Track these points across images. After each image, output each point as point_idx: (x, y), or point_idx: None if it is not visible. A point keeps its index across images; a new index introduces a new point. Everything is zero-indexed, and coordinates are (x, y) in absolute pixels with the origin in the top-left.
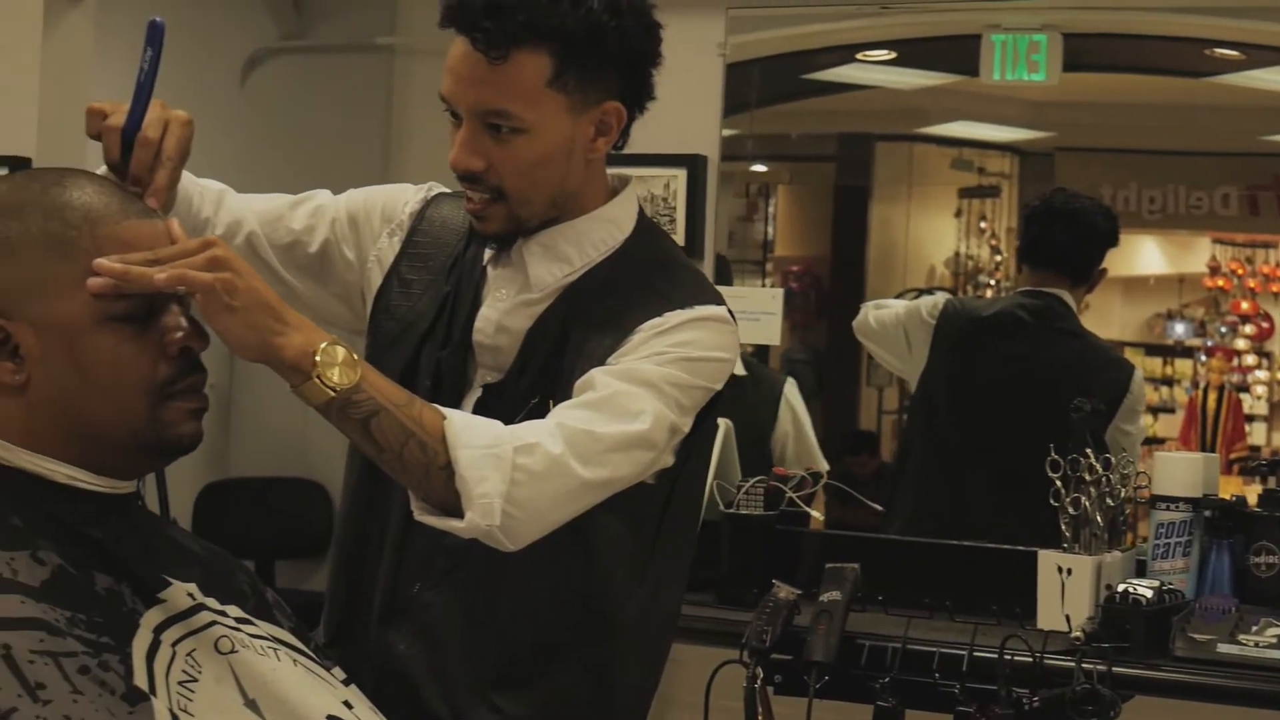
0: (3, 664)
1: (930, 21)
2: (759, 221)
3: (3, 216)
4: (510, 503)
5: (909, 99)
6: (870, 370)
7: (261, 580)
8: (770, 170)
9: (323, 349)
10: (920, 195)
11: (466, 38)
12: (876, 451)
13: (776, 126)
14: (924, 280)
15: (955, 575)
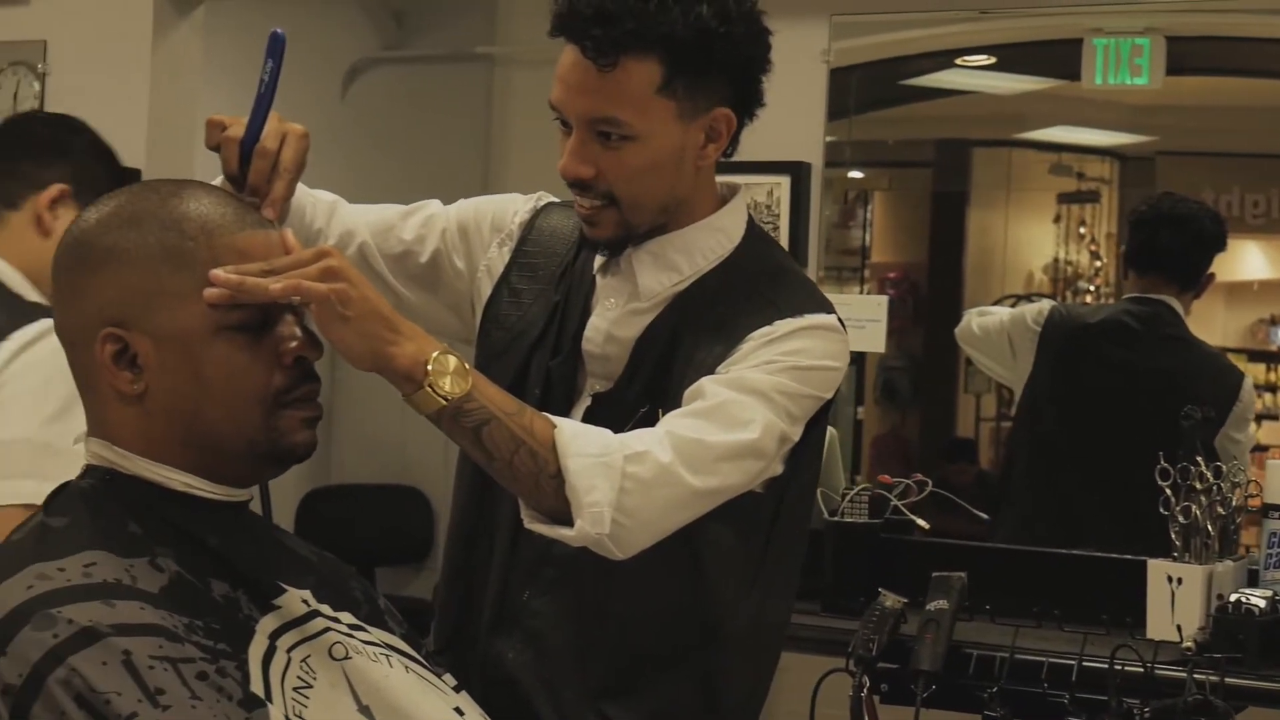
0: (123, 669)
1: (1030, 26)
2: (856, 228)
3: (122, 227)
4: (620, 511)
5: (1008, 104)
6: (968, 377)
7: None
8: (867, 176)
9: (434, 358)
10: (1018, 201)
11: (576, 46)
12: (975, 459)
13: (874, 133)
14: (1022, 286)
15: (1063, 584)
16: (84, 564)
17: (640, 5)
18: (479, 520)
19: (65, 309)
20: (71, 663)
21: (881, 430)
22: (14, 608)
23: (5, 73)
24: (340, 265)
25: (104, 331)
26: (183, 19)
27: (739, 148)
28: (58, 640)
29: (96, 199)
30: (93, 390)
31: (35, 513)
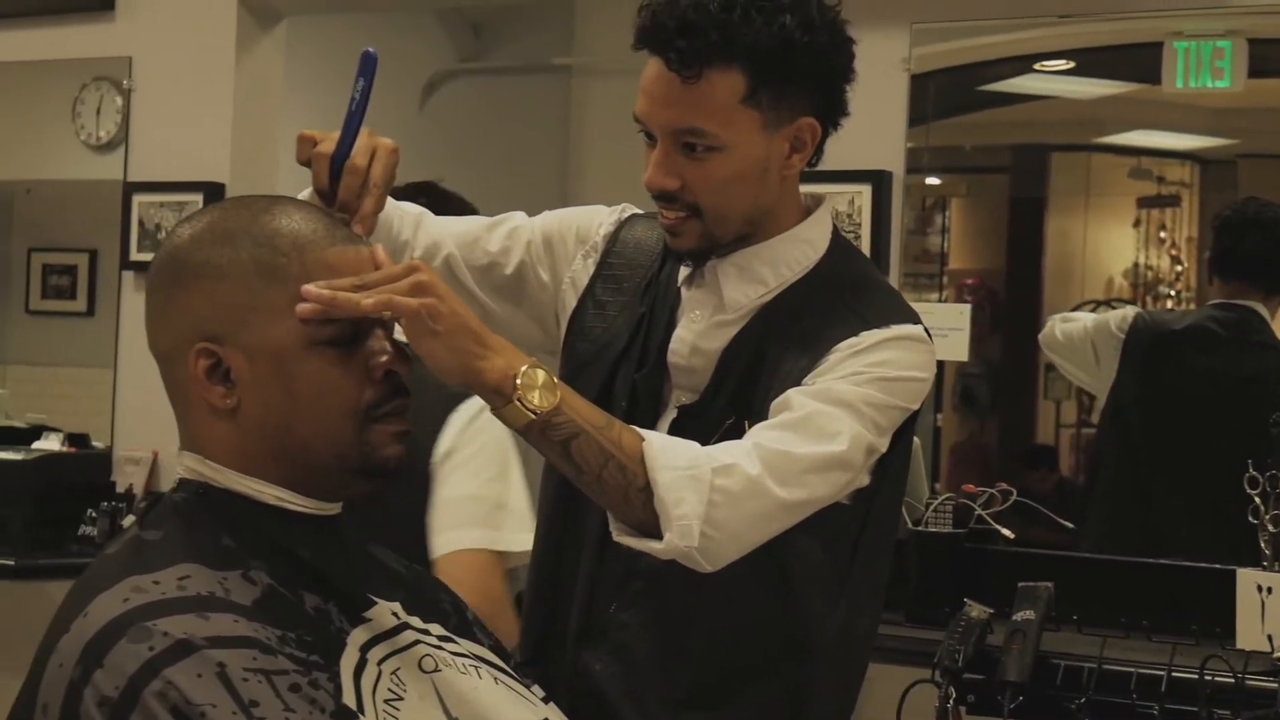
0: (218, 682)
1: (1110, 30)
2: (933, 234)
3: (215, 243)
4: (708, 524)
5: (1086, 108)
6: (1048, 383)
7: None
8: (945, 183)
9: (523, 372)
10: (1097, 206)
11: (660, 58)
12: (1055, 466)
13: (951, 139)
14: (1102, 292)
15: (1151, 594)
16: (178, 577)
17: (724, 16)
18: (565, 532)
19: (159, 324)
20: (167, 675)
21: (960, 438)
22: (110, 620)
23: (89, 88)
24: (430, 280)
25: (197, 347)
26: (265, 34)
27: (823, 157)
28: (153, 653)
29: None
30: (186, 405)
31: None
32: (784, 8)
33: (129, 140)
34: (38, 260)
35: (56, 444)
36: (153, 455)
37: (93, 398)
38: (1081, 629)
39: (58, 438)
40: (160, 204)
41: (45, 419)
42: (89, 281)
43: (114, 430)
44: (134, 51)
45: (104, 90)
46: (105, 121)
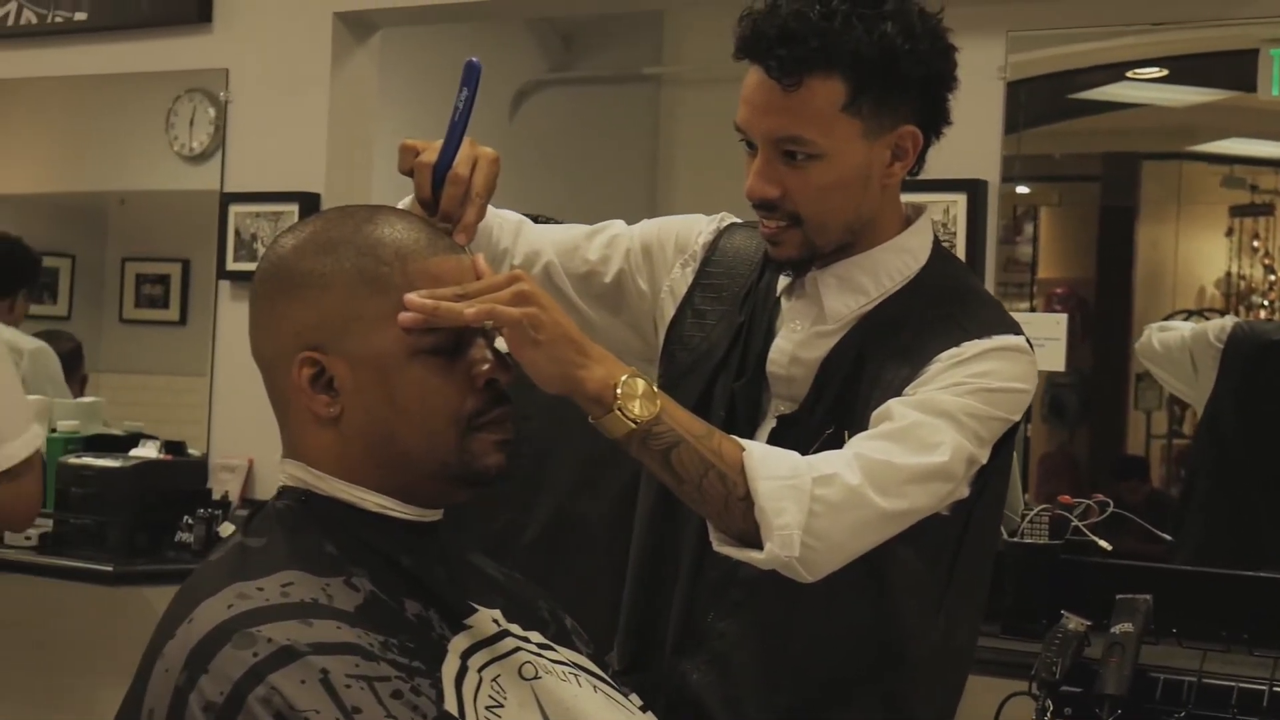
0: (321, 688)
1: (1204, 37)
2: (1023, 243)
3: (319, 253)
4: (809, 534)
5: (1178, 116)
6: (1138, 394)
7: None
8: (1034, 191)
9: (623, 381)
10: (1189, 214)
11: (760, 66)
12: (1146, 477)
13: (1041, 147)
14: (1194, 302)
15: (1252, 607)
16: (282, 583)
17: (824, 24)
18: (663, 541)
19: (262, 333)
20: (271, 681)
21: (1049, 448)
22: (215, 626)
23: (182, 99)
24: (532, 289)
25: (301, 355)
26: (360, 46)
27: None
28: (258, 659)
29: None
30: (289, 413)
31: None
32: (885, 15)
33: (225, 151)
34: (131, 270)
35: (154, 451)
36: (248, 462)
37: (185, 405)
38: (1181, 642)
39: (155, 445)
40: (256, 214)
41: (142, 426)
42: (181, 291)
43: (210, 438)
44: (231, 63)
45: (197, 101)
46: (198, 132)
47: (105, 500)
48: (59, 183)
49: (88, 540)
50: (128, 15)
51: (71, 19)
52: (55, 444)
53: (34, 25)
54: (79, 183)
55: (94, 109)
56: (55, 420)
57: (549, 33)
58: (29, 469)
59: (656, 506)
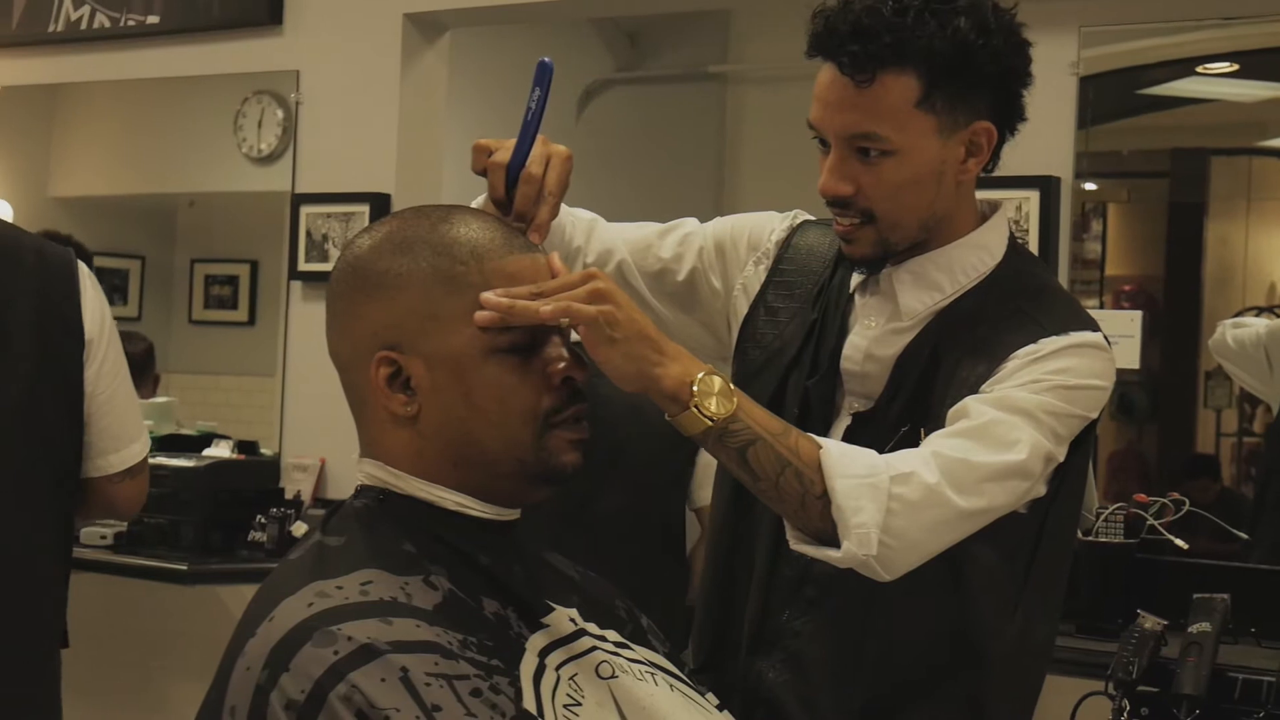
0: (401, 686)
1: (1275, 32)
2: (1091, 240)
3: (395, 253)
4: (886, 532)
5: (1249, 111)
6: (1208, 392)
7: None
8: (1102, 188)
9: (700, 379)
10: (1259, 210)
11: (834, 63)
12: (1217, 476)
13: (1109, 143)
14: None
15: None
16: (361, 582)
17: (897, 20)
18: (738, 539)
19: (339, 333)
20: (352, 679)
21: (1118, 446)
22: (296, 625)
23: (250, 101)
24: (607, 287)
25: (378, 355)
26: (429, 47)
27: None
28: (338, 657)
29: None
30: (366, 412)
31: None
32: (959, 10)
33: (296, 152)
34: (200, 271)
35: (226, 451)
36: (320, 462)
37: (255, 406)
38: (1260, 642)
39: (228, 445)
40: (327, 215)
41: (214, 427)
42: (250, 291)
43: (282, 437)
44: (302, 65)
45: (265, 103)
46: (266, 134)
47: (179, 500)
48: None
49: (162, 540)
50: (199, 18)
51: (144, 22)
52: None
53: (107, 29)
54: (149, 185)
55: (164, 112)
56: None
57: (615, 32)
58: (144, 467)
59: (730, 504)
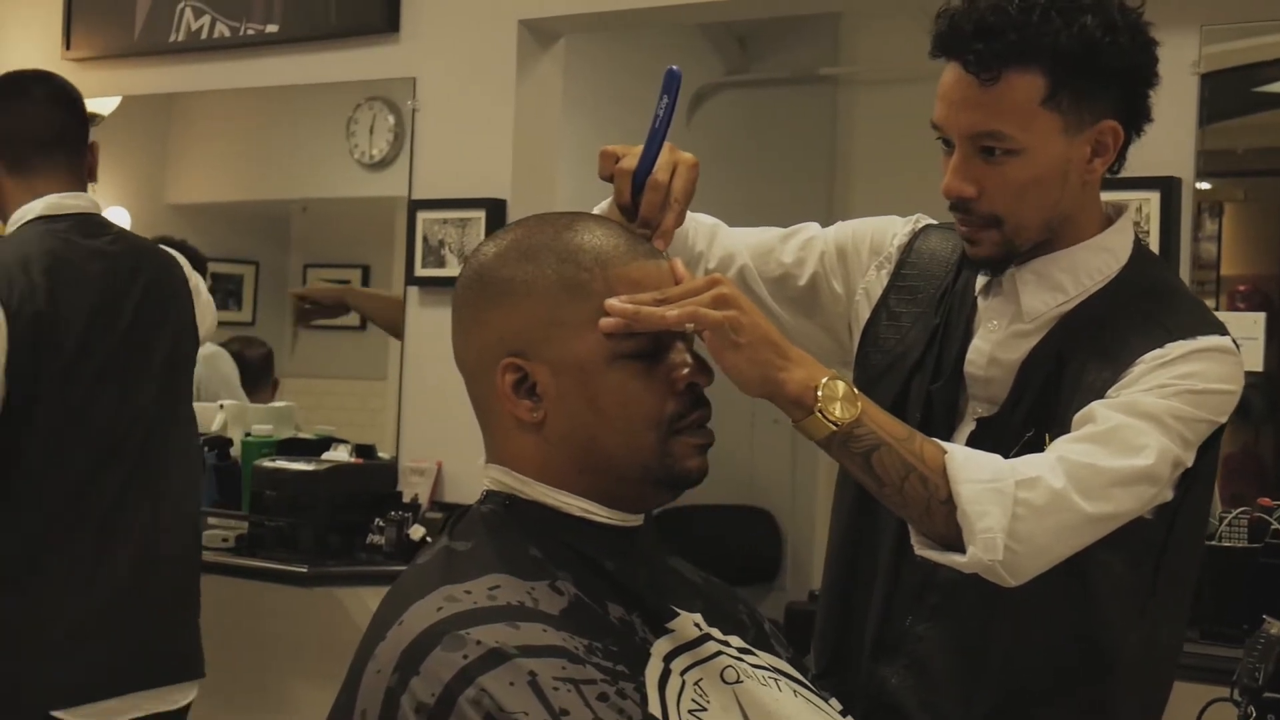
0: (530, 690)
1: None
2: (1206, 240)
3: (519, 260)
4: (1012, 537)
5: None
6: None
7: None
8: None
9: (824, 384)
10: None
11: (958, 62)
12: None
13: (1224, 142)
14: None
15: None
16: (489, 587)
17: (1023, 18)
18: (860, 544)
19: (465, 340)
20: (481, 683)
21: (1232, 449)
22: (425, 628)
23: (362, 108)
24: (732, 292)
25: (504, 361)
26: (544, 53)
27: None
28: (467, 660)
29: None
30: (492, 418)
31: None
32: (1085, 8)
33: (413, 159)
34: (313, 275)
35: (345, 455)
36: (437, 466)
37: (368, 409)
38: None
39: (346, 449)
40: (443, 220)
41: (332, 430)
42: None
43: (399, 441)
44: (418, 72)
45: (377, 109)
46: (378, 140)
47: (299, 503)
48: (244, 191)
49: (281, 542)
50: (317, 27)
51: (263, 31)
52: (250, 448)
53: (226, 38)
54: (263, 191)
55: (277, 119)
56: (249, 425)
57: (725, 36)
58: None
59: (852, 509)
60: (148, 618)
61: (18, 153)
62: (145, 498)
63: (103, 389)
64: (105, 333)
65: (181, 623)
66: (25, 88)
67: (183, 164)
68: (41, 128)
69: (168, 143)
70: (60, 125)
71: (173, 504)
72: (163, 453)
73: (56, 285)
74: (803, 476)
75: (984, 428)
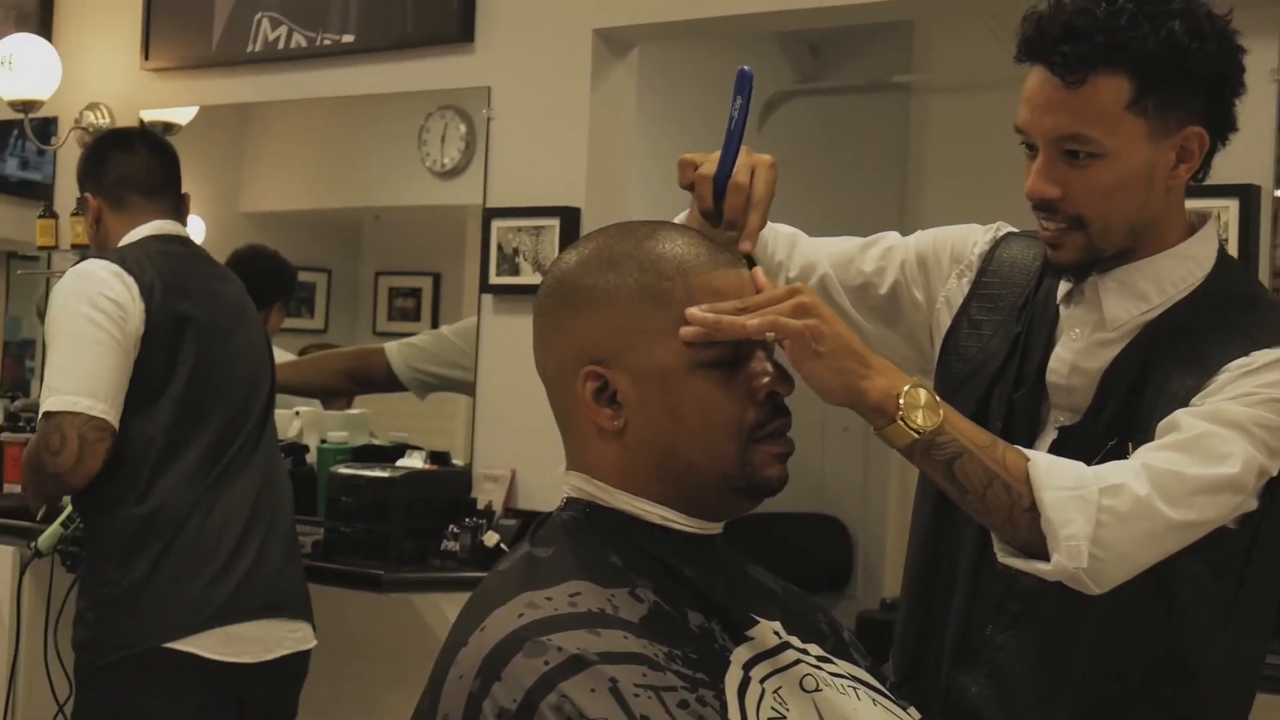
0: (611, 697)
1: None
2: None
3: (601, 268)
4: (1096, 545)
5: None
6: None
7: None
8: None
9: (906, 392)
10: None
11: (1044, 65)
12: None
13: None
14: None
15: None
16: (569, 594)
17: (1110, 21)
18: (940, 551)
19: (546, 348)
20: (563, 689)
21: None
22: (507, 635)
23: (434, 116)
24: (812, 301)
25: (585, 369)
26: (619, 62)
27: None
28: (549, 667)
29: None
30: (573, 426)
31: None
32: (1172, 14)
33: (488, 167)
34: (384, 283)
35: (419, 462)
36: (511, 473)
37: (440, 416)
38: None
39: (420, 456)
40: (518, 229)
41: (406, 437)
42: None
43: (473, 448)
44: (493, 81)
45: (448, 119)
46: (449, 149)
47: (374, 509)
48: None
49: (356, 548)
50: (393, 37)
51: (339, 41)
52: (326, 454)
53: (303, 48)
54: (336, 199)
55: (350, 128)
56: (325, 431)
57: (796, 44)
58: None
59: (932, 517)
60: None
61: (120, 195)
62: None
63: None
64: (212, 335)
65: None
66: (130, 143)
67: (257, 173)
68: (143, 176)
69: (242, 152)
70: (162, 175)
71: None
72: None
73: (176, 277)
74: (874, 484)
75: (1066, 436)
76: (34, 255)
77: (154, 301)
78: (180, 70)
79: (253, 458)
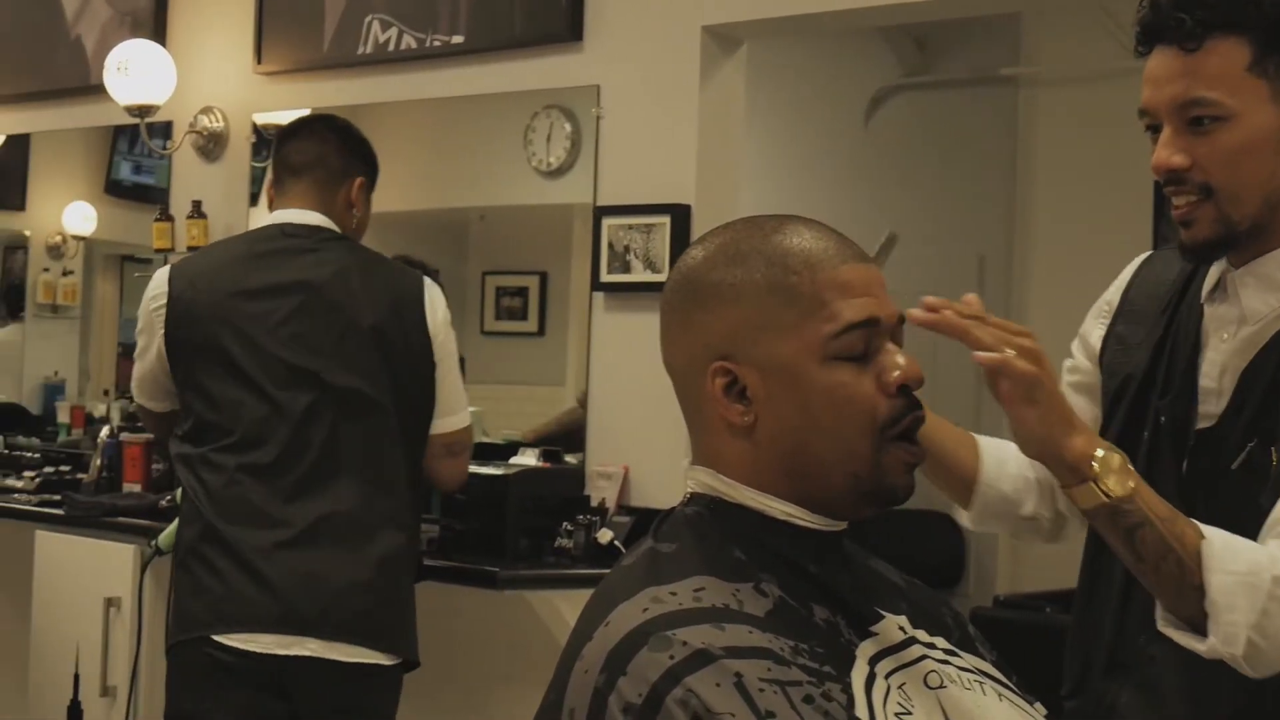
0: (736, 691)
1: None
2: None
3: (728, 264)
4: (1257, 631)
5: None
6: None
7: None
8: None
9: (1100, 456)
10: None
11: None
12: None
13: None
14: None
15: None
16: (694, 588)
17: None
18: (1099, 562)
19: (674, 343)
20: (688, 683)
21: None
22: (632, 629)
23: (539, 116)
24: (1039, 349)
25: (714, 365)
26: (727, 59)
27: None
28: (674, 661)
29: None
30: (702, 421)
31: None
32: None
33: (598, 165)
34: (491, 283)
35: (533, 459)
36: (623, 470)
37: (549, 414)
38: None
39: (534, 453)
40: (628, 226)
41: (517, 435)
42: (539, 302)
43: (586, 446)
44: (602, 80)
45: (554, 118)
46: (555, 148)
47: (488, 507)
48: (424, 200)
49: (470, 545)
50: (502, 37)
51: (449, 42)
52: None
53: (413, 50)
54: (443, 199)
55: (457, 128)
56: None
57: (902, 38)
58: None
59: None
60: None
61: (278, 175)
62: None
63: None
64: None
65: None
66: (298, 127)
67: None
68: (296, 158)
69: None
70: (314, 156)
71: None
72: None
73: (197, 276)
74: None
75: (1202, 442)
76: (148, 258)
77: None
78: (292, 73)
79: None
